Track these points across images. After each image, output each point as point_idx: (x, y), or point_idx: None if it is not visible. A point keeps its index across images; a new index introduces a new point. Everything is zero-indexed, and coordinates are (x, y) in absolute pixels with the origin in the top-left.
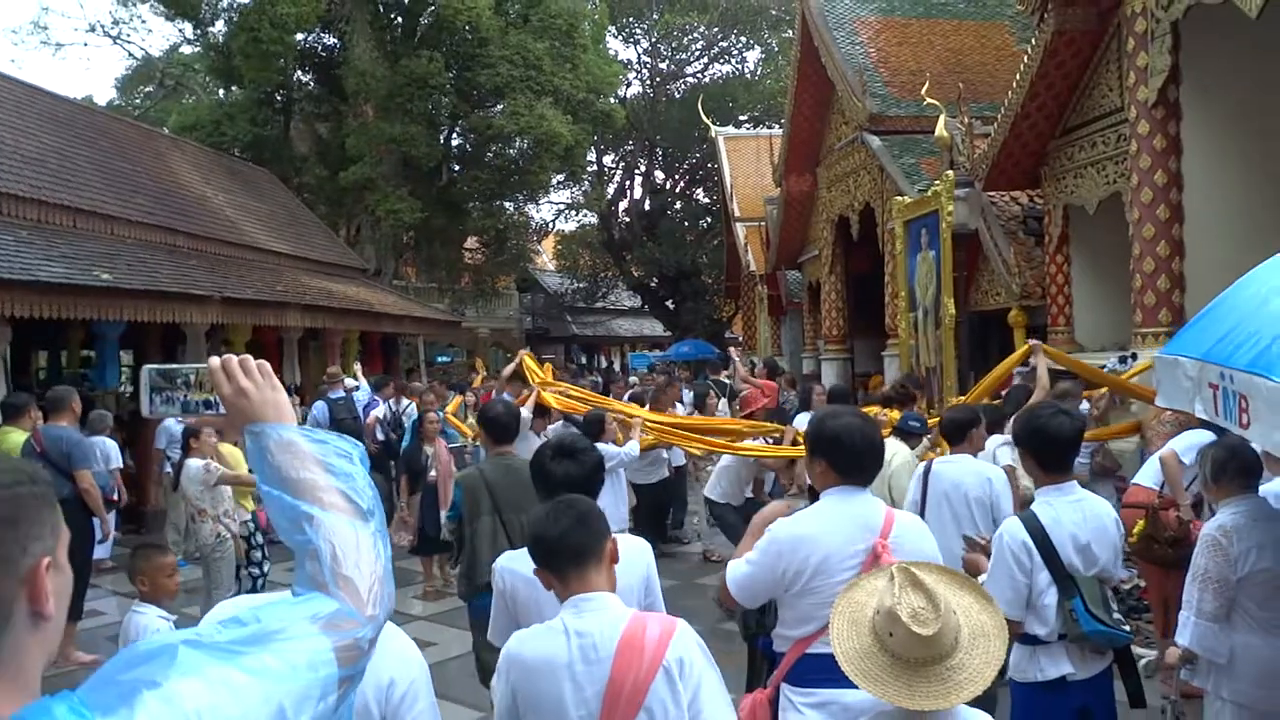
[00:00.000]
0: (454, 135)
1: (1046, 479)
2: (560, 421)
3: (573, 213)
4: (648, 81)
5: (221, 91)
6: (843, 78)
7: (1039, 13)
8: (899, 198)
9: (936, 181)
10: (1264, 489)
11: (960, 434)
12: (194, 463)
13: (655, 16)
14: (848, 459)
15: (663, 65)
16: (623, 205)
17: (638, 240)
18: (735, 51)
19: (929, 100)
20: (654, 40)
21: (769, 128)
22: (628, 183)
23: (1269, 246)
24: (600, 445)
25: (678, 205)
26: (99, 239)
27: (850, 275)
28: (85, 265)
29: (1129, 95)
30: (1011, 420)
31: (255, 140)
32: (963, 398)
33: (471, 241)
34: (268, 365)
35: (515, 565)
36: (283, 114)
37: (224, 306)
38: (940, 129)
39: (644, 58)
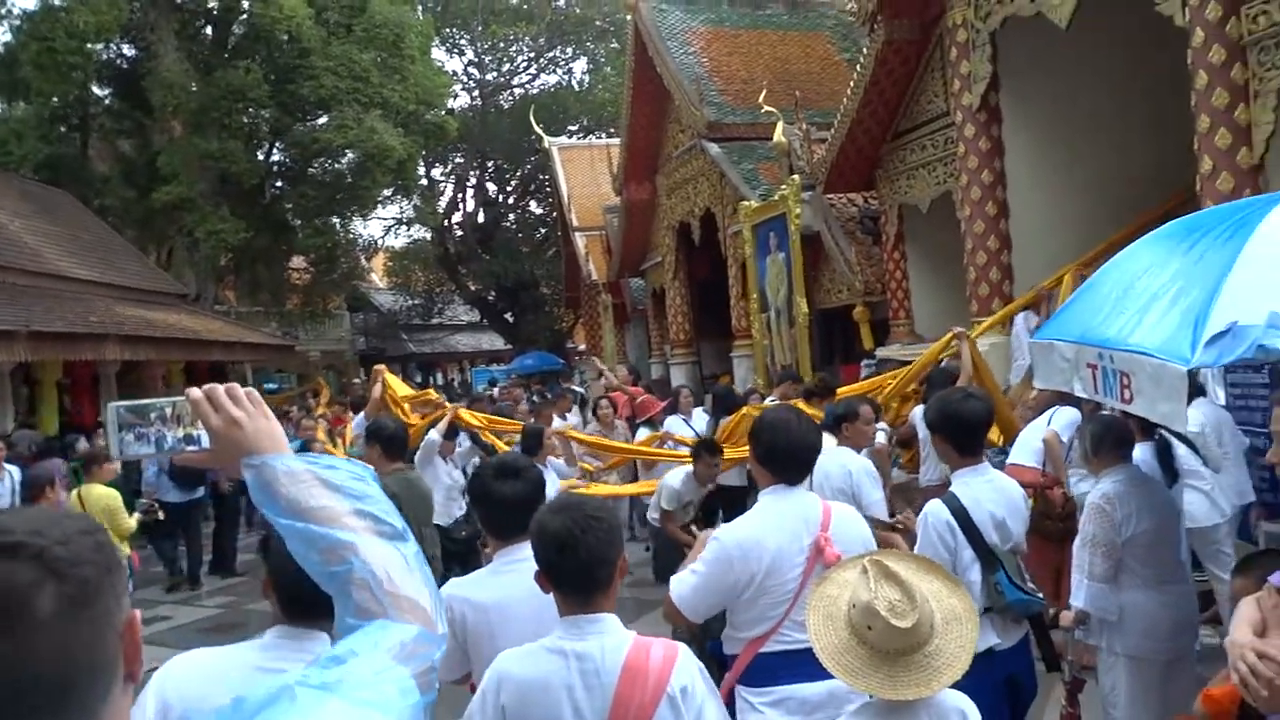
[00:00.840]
0: (275, 150)
1: (961, 461)
2: (468, 444)
3: (403, 228)
4: (475, 93)
5: (3, 106)
6: (679, 87)
7: (870, 23)
8: (745, 203)
9: (782, 186)
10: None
11: (835, 426)
12: None
13: (479, 28)
14: (782, 457)
15: (490, 76)
16: (456, 218)
17: (473, 254)
18: (562, 62)
19: (766, 108)
20: (480, 51)
21: (599, 137)
22: (460, 196)
23: (1085, 238)
24: (552, 461)
25: (511, 217)
26: None
27: (693, 280)
28: None
29: (954, 101)
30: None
31: (49, 160)
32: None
33: (298, 261)
34: (256, 393)
35: (464, 592)
36: (79, 130)
37: (32, 342)
38: (778, 135)
39: (470, 69)
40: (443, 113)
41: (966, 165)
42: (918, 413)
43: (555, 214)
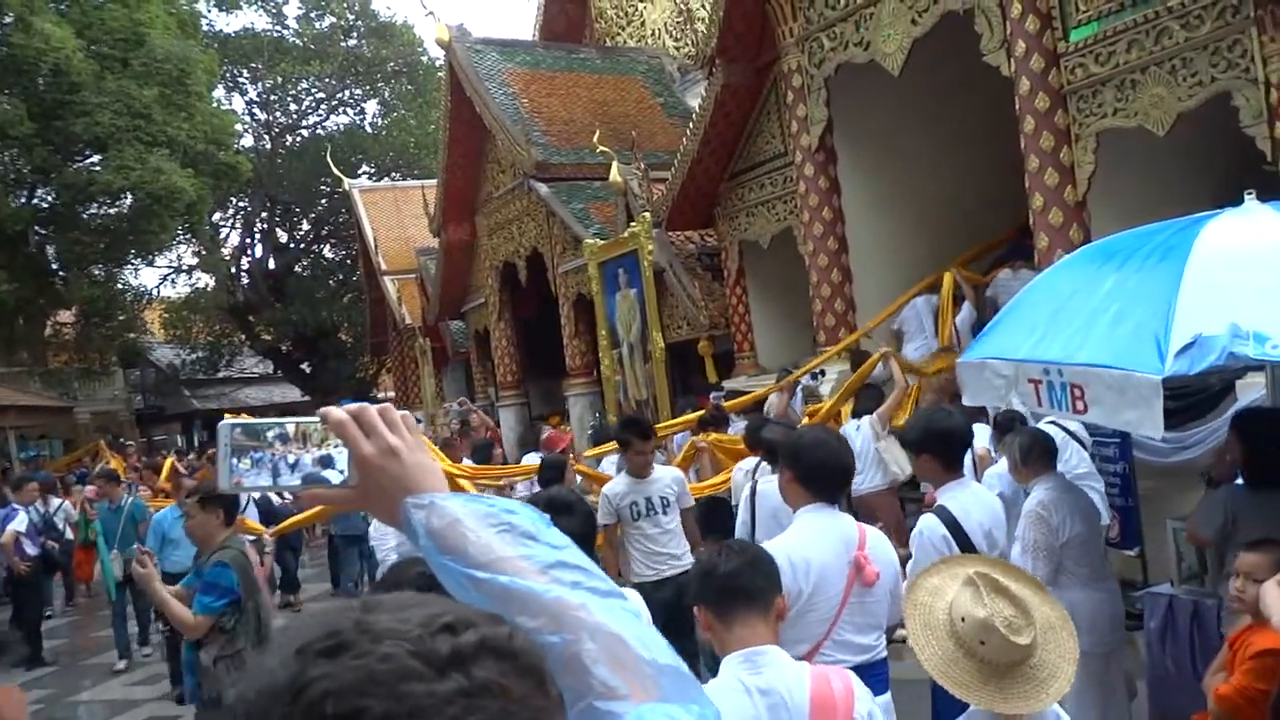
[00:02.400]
0: (40, 193)
1: (947, 476)
2: None
3: (182, 277)
4: (260, 134)
5: None
6: (502, 128)
7: (708, 67)
8: (590, 240)
9: (631, 224)
10: (990, 471)
11: (772, 455)
12: None
13: (257, 66)
14: (823, 475)
15: (277, 116)
16: (244, 264)
17: (265, 302)
18: (353, 103)
19: (601, 148)
20: (265, 90)
21: (397, 178)
22: (248, 241)
23: (917, 268)
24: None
25: (304, 262)
26: None
27: (519, 320)
28: None
29: (793, 141)
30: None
31: None
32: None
33: (64, 315)
34: (410, 416)
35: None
36: None
37: None
38: (614, 175)
39: (253, 109)
40: (234, 152)
41: (808, 203)
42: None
43: (354, 258)
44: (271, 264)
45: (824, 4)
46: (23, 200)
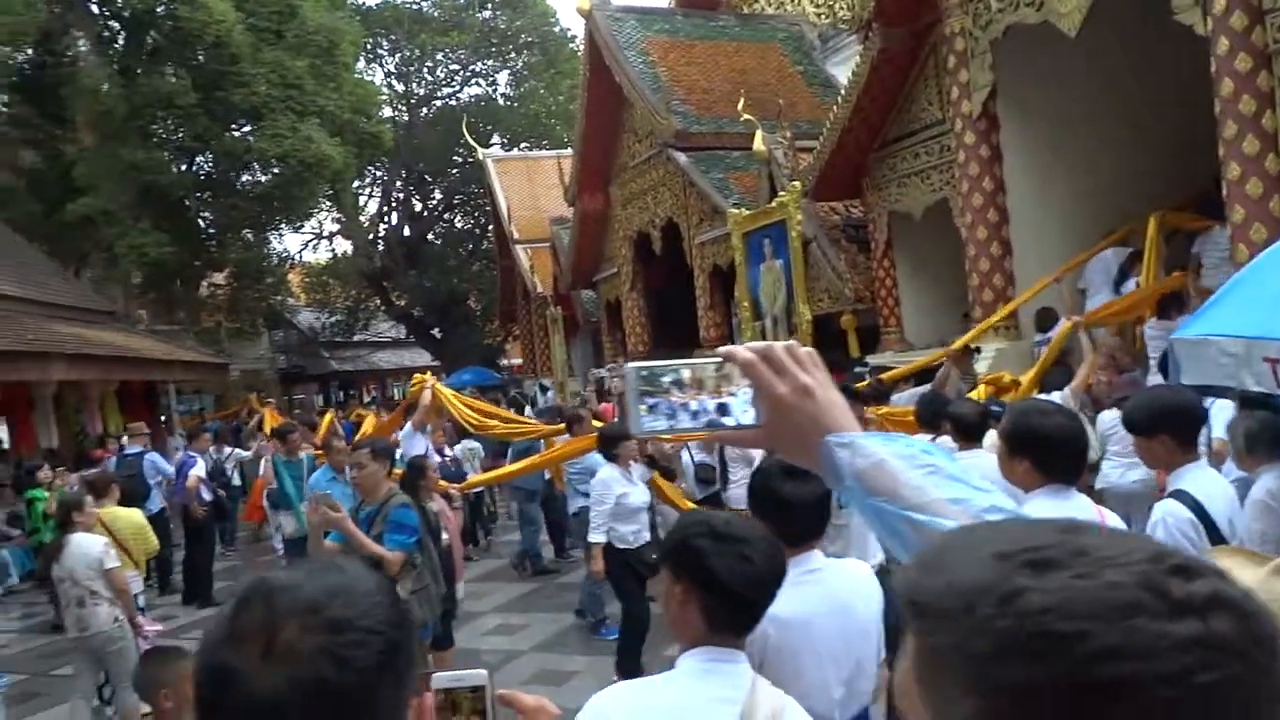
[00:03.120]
0: (200, 161)
1: (1184, 458)
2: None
3: (324, 243)
4: (398, 104)
5: None
6: (641, 96)
7: (864, 32)
8: (735, 210)
9: (781, 193)
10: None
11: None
12: (87, 539)
13: (396, 37)
14: (1059, 454)
15: (414, 88)
16: (380, 232)
17: (400, 268)
18: (486, 74)
19: (745, 116)
20: (402, 61)
21: (525, 149)
22: (384, 209)
23: (1081, 242)
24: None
25: (436, 230)
26: None
27: (651, 290)
28: None
29: (952, 109)
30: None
31: None
32: None
33: (216, 278)
34: (815, 354)
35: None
36: None
37: None
38: (758, 143)
39: (390, 80)
40: (376, 122)
41: (967, 172)
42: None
43: (483, 227)
44: (406, 232)
45: None
46: (183, 168)
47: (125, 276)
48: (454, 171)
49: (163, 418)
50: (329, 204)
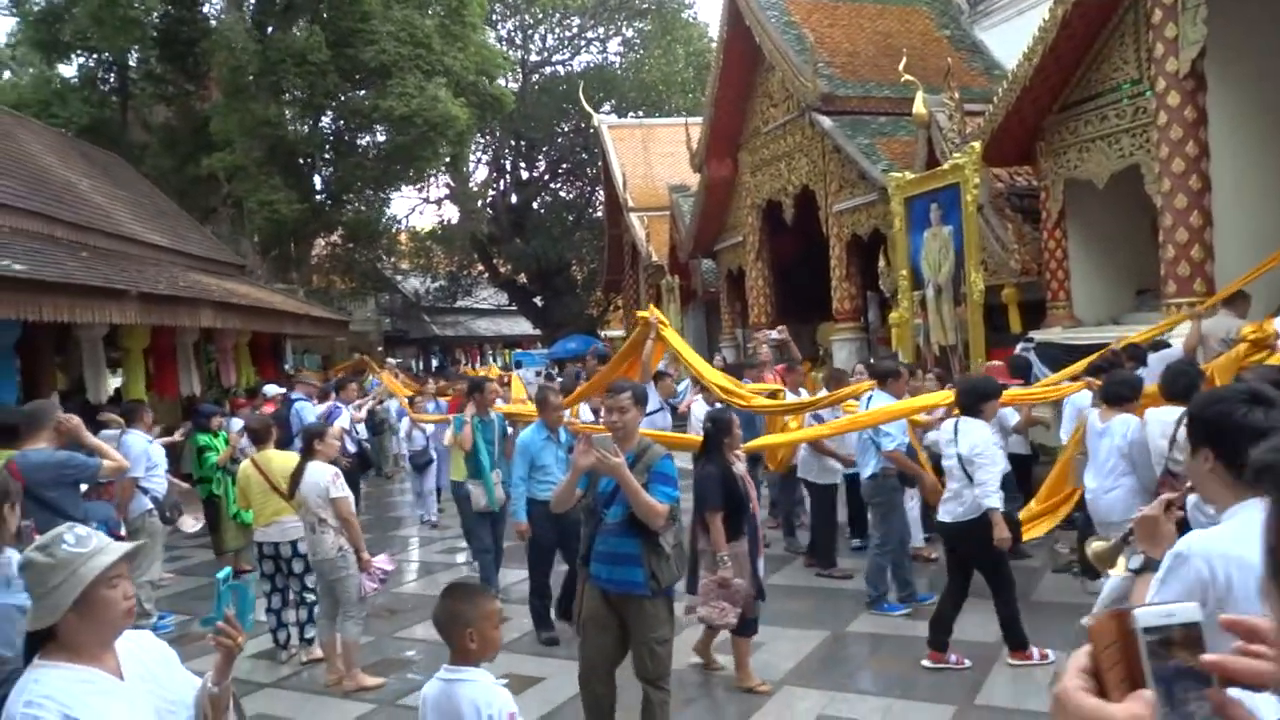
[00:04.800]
0: (326, 118)
1: None
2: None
3: (430, 209)
4: (512, 71)
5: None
6: (784, 58)
7: None
8: (898, 174)
9: (955, 155)
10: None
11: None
12: (319, 468)
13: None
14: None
15: (528, 54)
16: (488, 198)
17: (506, 236)
18: (599, 41)
19: (907, 77)
20: (515, 27)
21: (636, 115)
22: (495, 176)
23: None
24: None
25: (542, 198)
26: None
27: (776, 260)
28: None
29: (1155, 67)
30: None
31: (92, 124)
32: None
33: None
34: None
35: (1224, 548)
36: (119, 95)
37: (141, 304)
38: (919, 106)
39: (504, 47)
40: (500, 84)
41: (1168, 136)
42: None
43: (588, 196)
44: (513, 199)
45: None
46: (309, 126)
47: (251, 234)
48: (559, 140)
49: (288, 370)
50: (446, 166)
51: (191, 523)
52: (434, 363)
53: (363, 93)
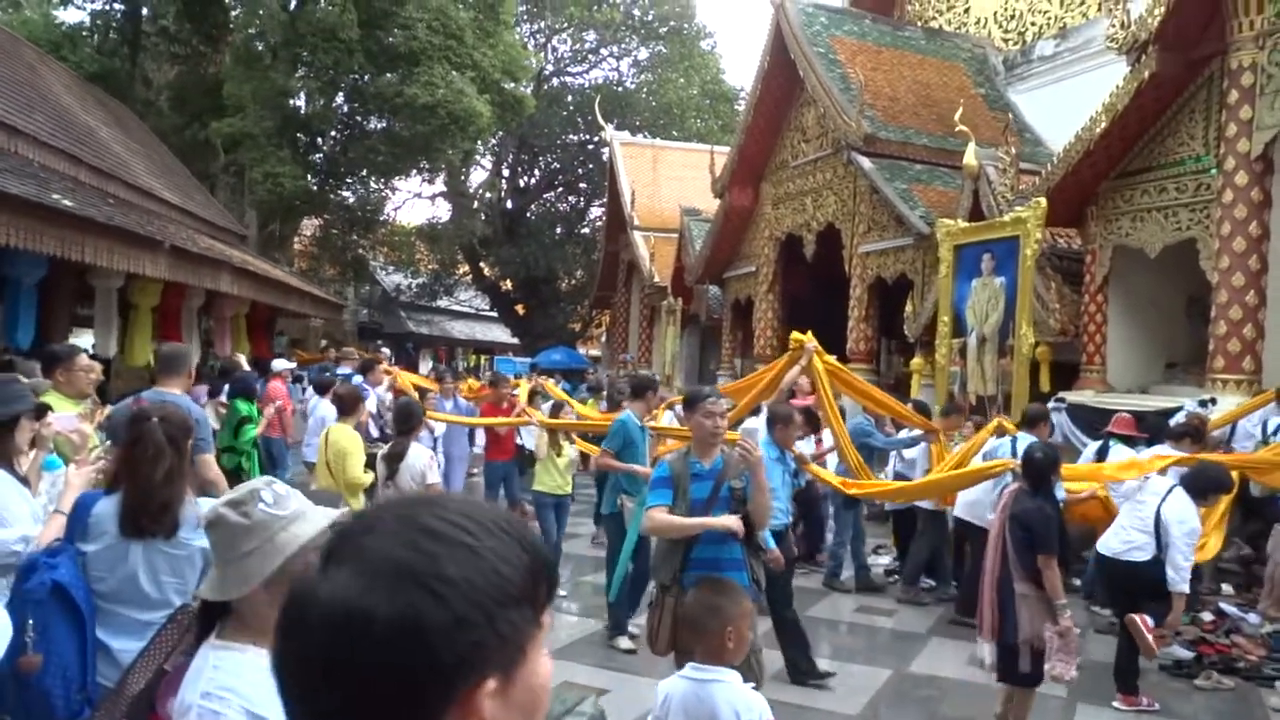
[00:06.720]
0: (343, 98)
1: None
2: None
3: (418, 205)
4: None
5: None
6: (829, 95)
7: (1135, 54)
8: (948, 221)
9: (1018, 208)
10: None
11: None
12: (418, 449)
13: (538, 6)
14: None
15: (543, 64)
16: (485, 200)
17: (497, 239)
18: (614, 59)
19: (961, 127)
20: (532, 33)
21: (646, 136)
22: (494, 179)
23: None
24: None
25: (537, 207)
26: (3, 155)
27: (787, 294)
28: (20, 184)
29: (1226, 146)
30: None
31: (100, 73)
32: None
33: (316, 221)
34: None
35: None
36: (130, 46)
37: (171, 258)
38: (970, 158)
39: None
40: (523, 86)
41: (1232, 214)
42: None
43: (584, 211)
44: (509, 204)
45: None
46: (323, 104)
47: (251, 205)
48: (562, 151)
49: (274, 347)
50: (460, 161)
51: None
52: (422, 361)
53: (388, 77)
